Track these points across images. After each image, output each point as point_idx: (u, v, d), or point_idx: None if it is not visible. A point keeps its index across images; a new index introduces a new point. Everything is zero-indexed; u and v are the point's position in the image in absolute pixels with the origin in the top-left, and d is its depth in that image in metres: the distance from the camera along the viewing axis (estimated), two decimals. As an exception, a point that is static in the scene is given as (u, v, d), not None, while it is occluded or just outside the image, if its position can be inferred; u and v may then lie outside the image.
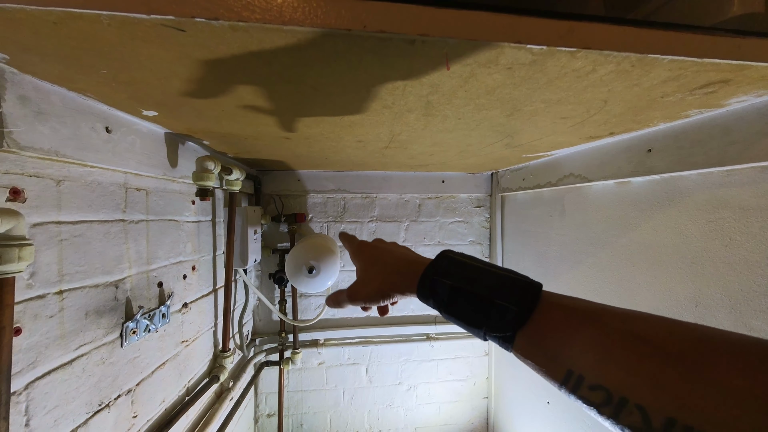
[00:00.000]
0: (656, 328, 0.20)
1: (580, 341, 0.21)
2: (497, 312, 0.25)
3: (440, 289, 0.28)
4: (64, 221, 0.49)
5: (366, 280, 0.36)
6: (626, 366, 0.19)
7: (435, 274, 0.29)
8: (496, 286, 0.26)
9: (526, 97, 0.48)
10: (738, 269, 0.56)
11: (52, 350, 0.47)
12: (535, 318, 0.23)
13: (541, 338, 0.23)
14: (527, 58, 0.36)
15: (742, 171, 0.55)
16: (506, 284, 0.26)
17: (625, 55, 0.35)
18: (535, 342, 0.23)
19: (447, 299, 0.28)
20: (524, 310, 0.24)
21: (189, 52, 0.35)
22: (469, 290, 0.26)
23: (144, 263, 0.68)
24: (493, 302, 0.25)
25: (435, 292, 0.29)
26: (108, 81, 0.43)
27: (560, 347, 0.22)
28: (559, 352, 0.22)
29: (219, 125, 0.65)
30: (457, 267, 0.29)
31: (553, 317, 0.23)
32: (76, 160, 0.50)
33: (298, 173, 1.35)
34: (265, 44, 0.33)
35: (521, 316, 0.24)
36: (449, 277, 0.28)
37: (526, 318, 0.24)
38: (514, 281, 0.26)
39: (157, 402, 0.71)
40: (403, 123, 0.61)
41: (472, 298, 0.26)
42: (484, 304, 0.25)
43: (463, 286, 0.27)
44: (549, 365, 0.22)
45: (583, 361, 0.20)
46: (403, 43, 0.33)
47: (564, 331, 0.22)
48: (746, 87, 0.44)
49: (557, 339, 0.22)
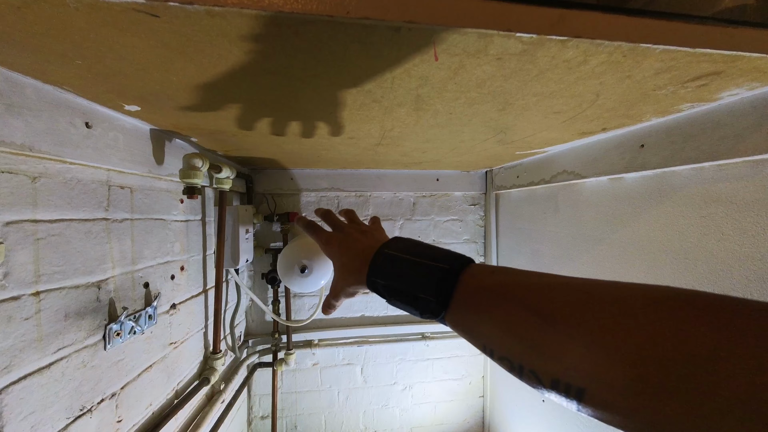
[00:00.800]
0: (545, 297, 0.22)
1: (488, 319, 0.24)
2: (423, 303, 0.28)
3: (379, 288, 0.32)
4: (40, 219, 0.47)
5: (337, 277, 0.38)
6: (519, 337, 0.22)
7: (373, 275, 0.32)
8: (419, 279, 0.28)
9: (518, 90, 0.47)
10: (730, 264, 0.55)
11: (29, 354, 0.45)
12: (452, 305, 0.26)
13: (460, 320, 0.26)
14: (517, 48, 0.35)
15: (734, 165, 0.55)
16: (428, 276, 0.28)
17: (617, 45, 0.35)
18: (458, 323, 0.26)
19: (386, 295, 0.31)
20: (442, 299, 0.27)
21: (165, 40, 0.33)
22: (398, 288, 0.30)
23: (129, 263, 0.66)
24: (418, 297, 0.28)
25: (377, 290, 0.32)
26: (84, 72, 0.41)
27: (475, 326, 0.25)
28: (475, 329, 0.25)
29: (205, 121, 0.63)
30: (390, 264, 0.31)
31: (467, 301, 0.26)
32: (53, 156, 0.48)
33: (290, 171, 1.33)
34: (244, 31, 0.32)
35: (441, 305, 0.27)
36: (383, 276, 0.31)
37: (447, 305, 0.26)
38: (432, 270, 0.28)
39: (143, 406, 0.69)
40: (394, 118, 0.60)
41: (401, 295, 0.29)
42: (413, 299, 0.29)
43: (393, 285, 0.30)
44: (471, 341, 0.26)
45: (492, 336, 0.23)
46: (389, 30, 0.31)
47: (476, 312, 0.25)
48: (738, 79, 0.44)
49: (472, 319, 0.25)
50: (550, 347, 0.20)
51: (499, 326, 0.23)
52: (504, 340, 0.22)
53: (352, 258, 0.35)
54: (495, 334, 0.23)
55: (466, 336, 0.26)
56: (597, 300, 0.19)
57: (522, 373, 0.21)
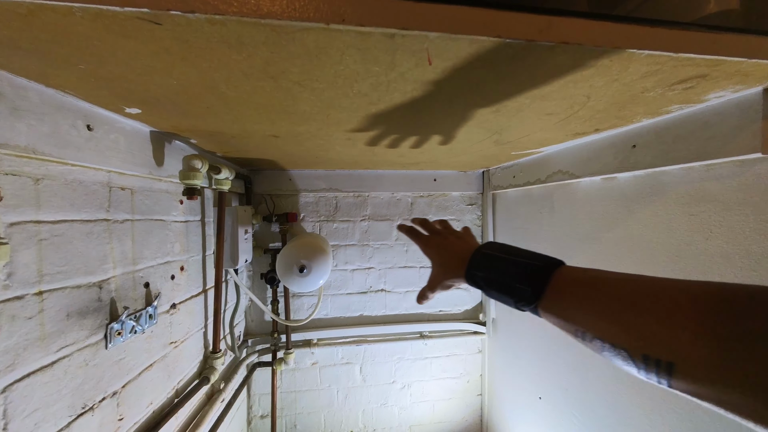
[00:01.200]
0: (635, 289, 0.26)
1: (582, 307, 0.28)
2: (519, 292, 0.33)
3: (478, 279, 0.38)
4: (43, 220, 0.48)
5: (436, 272, 0.45)
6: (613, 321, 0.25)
7: (472, 268, 0.38)
8: (515, 273, 0.34)
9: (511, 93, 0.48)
10: (718, 261, 0.57)
11: (32, 352, 0.46)
12: (547, 294, 0.31)
13: (554, 308, 0.30)
14: (507, 54, 0.36)
15: (722, 165, 0.56)
16: (521, 270, 0.33)
17: (603, 50, 0.36)
18: (551, 310, 0.30)
19: (483, 285, 0.37)
20: (537, 290, 0.31)
21: (167, 47, 0.34)
22: (495, 279, 0.35)
23: (129, 263, 0.66)
24: (513, 286, 0.33)
25: (476, 282, 0.38)
26: (87, 77, 0.42)
27: (569, 313, 0.29)
28: (568, 316, 0.29)
29: (205, 123, 0.64)
30: (489, 260, 0.37)
31: (562, 291, 0.30)
32: (56, 158, 0.49)
33: (289, 172, 1.34)
34: (244, 38, 0.33)
35: (536, 294, 0.31)
36: (482, 270, 0.37)
37: (541, 293, 0.31)
38: (528, 266, 0.33)
39: (144, 404, 0.69)
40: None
41: (498, 285, 0.35)
42: (508, 288, 0.34)
43: (491, 276, 0.36)
44: (563, 326, 0.29)
45: (586, 321, 0.27)
46: (384, 37, 0.33)
47: (571, 301, 0.29)
48: (723, 82, 0.45)
49: (566, 307, 0.29)
50: (641, 328, 0.24)
51: (594, 313, 0.27)
52: (598, 324, 0.26)
53: (450, 257, 0.43)
54: (589, 319, 0.27)
55: (557, 321, 0.30)
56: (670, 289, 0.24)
57: (614, 351, 0.25)
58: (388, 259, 1.41)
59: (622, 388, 0.76)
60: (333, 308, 1.40)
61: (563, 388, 0.97)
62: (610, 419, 0.80)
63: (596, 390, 0.84)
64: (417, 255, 1.43)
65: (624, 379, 0.76)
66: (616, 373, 0.78)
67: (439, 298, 1.46)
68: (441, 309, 1.47)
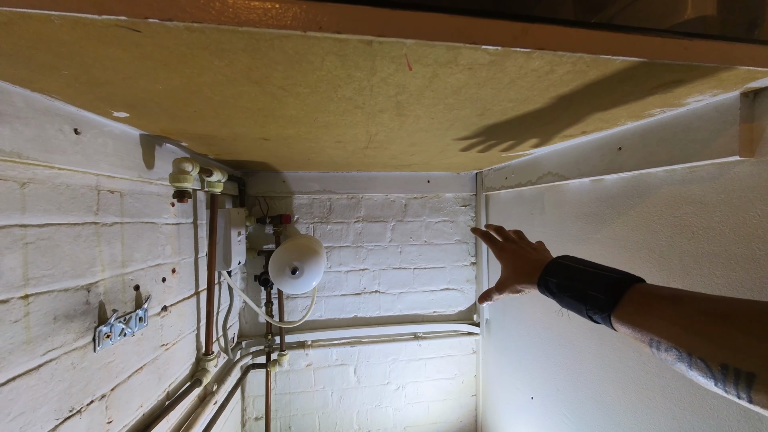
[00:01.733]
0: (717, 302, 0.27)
1: (661, 318, 0.29)
2: (592, 299, 0.34)
3: (551, 285, 0.40)
4: (29, 224, 0.48)
5: (508, 275, 0.47)
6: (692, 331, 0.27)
7: (547, 275, 0.40)
8: (590, 281, 0.36)
9: (493, 97, 0.49)
10: (701, 261, 0.58)
11: (17, 356, 0.46)
12: (624, 303, 0.32)
13: (629, 317, 0.32)
14: (485, 59, 0.37)
15: (703, 167, 0.57)
16: (598, 280, 0.35)
17: (579, 56, 0.37)
18: (626, 319, 0.32)
19: (556, 291, 0.39)
20: (612, 297, 0.33)
21: (148, 53, 0.35)
22: (569, 285, 0.37)
23: (119, 266, 0.67)
24: (588, 293, 0.35)
25: (549, 288, 0.40)
26: (71, 82, 0.43)
27: (645, 322, 0.30)
28: (645, 325, 0.30)
29: (194, 126, 0.64)
30: (564, 269, 0.40)
31: (640, 302, 0.31)
32: (42, 162, 0.49)
33: (283, 174, 1.34)
34: (224, 45, 0.33)
35: (611, 302, 0.33)
36: (556, 276, 0.39)
37: (616, 303, 0.32)
38: (605, 277, 0.35)
39: (134, 407, 0.70)
40: (378, 123, 0.62)
41: (572, 291, 0.37)
42: (582, 295, 0.35)
43: (565, 283, 0.38)
44: (637, 335, 0.31)
45: (663, 332, 0.29)
46: (361, 43, 0.33)
47: (648, 312, 0.30)
48: (700, 86, 0.46)
49: (643, 317, 0.30)
50: (722, 338, 0.24)
51: (672, 323, 0.28)
52: (675, 334, 0.27)
53: (524, 264, 0.45)
54: (665, 329, 0.28)
55: (632, 330, 0.31)
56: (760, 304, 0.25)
57: (691, 361, 0.26)
58: (382, 261, 1.42)
59: (612, 388, 0.77)
60: (327, 310, 1.40)
61: (555, 389, 0.98)
62: (600, 419, 0.81)
63: (587, 390, 0.85)
64: (411, 256, 1.43)
65: (613, 380, 0.77)
66: (606, 374, 0.79)
67: (433, 299, 1.46)
68: (435, 310, 1.47)
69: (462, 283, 1.48)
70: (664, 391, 0.64)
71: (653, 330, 0.29)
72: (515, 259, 0.47)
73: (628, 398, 0.72)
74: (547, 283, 0.40)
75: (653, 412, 0.66)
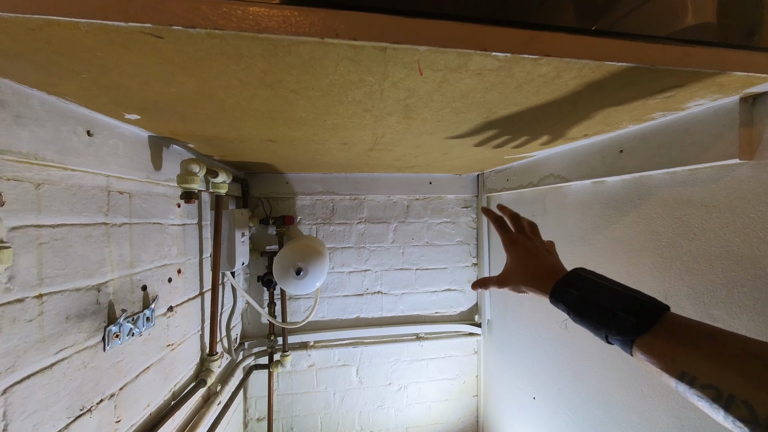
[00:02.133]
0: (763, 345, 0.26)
1: (698, 352, 0.27)
2: (618, 320, 0.32)
3: (569, 297, 0.36)
4: (43, 224, 0.49)
5: (514, 272, 0.44)
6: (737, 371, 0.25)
7: (566, 285, 0.37)
8: (618, 300, 0.33)
9: (500, 101, 0.50)
10: (701, 262, 0.59)
11: (32, 354, 0.46)
12: (658, 329, 0.30)
13: (661, 345, 0.29)
14: (494, 65, 0.38)
15: (703, 170, 0.59)
16: (627, 300, 0.33)
17: (585, 62, 0.38)
18: (655, 348, 0.30)
19: (574, 306, 0.36)
20: (644, 321, 0.30)
21: (168, 57, 0.36)
22: (592, 301, 0.34)
23: (127, 266, 0.67)
24: (615, 313, 0.32)
25: (564, 299, 0.37)
26: (88, 85, 0.44)
27: (678, 354, 0.28)
28: (677, 357, 0.28)
29: (203, 128, 0.65)
30: (589, 282, 0.36)
31: (674, 331, 0.30)
32: (57, 163, 0.50)
33: (286, 176, 1.35)
34: (243, 50, 0.34)
35: (642, 326, 0.30)
36: (577, 289, 0.36)
37: (647, 328, 0.30)
38: (634, 299, 0.33)
39: (141, 406, 0.70)
40: (385, 126, 0.63)
41: (594, 307, 0.34)
42: (606, 312, 0.33)
43: (587, 297, 0.35)
44: (666, 366, 0.28)
45: (697, 366, 0.27)
46: (376, 50, 0.34)
47: (683, 343, 0.28)
48: (700, 91, 0.48)
49: (675, 347, 0.29)
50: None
51: (712, 359, 0.26)
52: (716, 371, 0.26)
53: (537, 267, 0.42)
54: (704, 364, 0.27)
55: (657, 359, 0.29)
56: None
57: (730, 402, 0.24)
58: (384, 262, 1.43)
59: (614, 388, 0.78)
60: (329, 310, 1.41)
61: (557, 389, 0.99)
62: (603, 418, 0.82)
63: (589, 390, 0.86)
64: (413, 257, 1.44)
65: (615, 379, 0.78)
66: (608, 374, 0.80)
67: (435, 300, 1.47)
68: (437, 311, 1.48)
69: (463, 284, 1.49)
70: (667, 391, 0.65)
71: (687, 364, 0.27)
72: (528, 258, 0.43)
73: (631, 398, 0.73)
74: (564, 295, 0.37)
75: (656, 411, 0.67)
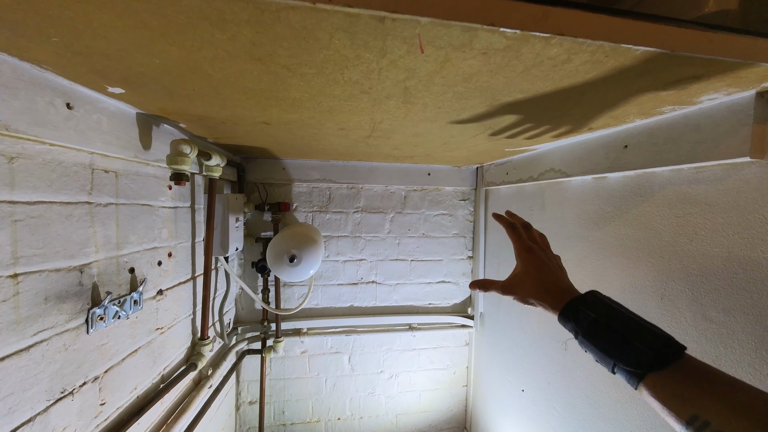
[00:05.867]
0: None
1: (712, 397, 0.27)
2: (635, 351, 0.31)
3: (582, 318, 0.35)
4: (18, 201, 0.46)
5: (525, 282, 0.43)
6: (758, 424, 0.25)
7: (582, 305, 0.36)
8: (636, 331, 0.32)
9: (504, 87, 0.47)
10: (700, 262, 0.58)
11: (6, 336, 0.44)
12: (674, 368, 0.29)
13: (676, 384, 0.29)
14: (501, 43, 0.35)
15: (710, 168, 0.57)
16: (647, 333, 0.32)
17: (599, 44, 0.35)
18: (669, 386, 0.29)
19: (588, 328, 0.34)
20: (662, 356, 0.30)
21: (145, 21, 0.33)
22: (610, 326, 0.33)
23: (113, 248, 0.65)
24: (631, 342, 0.31)
25: (577, 319, 0.36)
26: (61, 50, 0.40)
27: (692, 396, 0.28)
28: (689, 399, 0.28)
29: (193, 106, 0.62)
30: (607, 308, 0.35)
31: (691, 373, 0.29)
32: (31, 136, 0.47)
33: (283, 162, 1.32)
34: (226, 15, 0.31)
35: (659, 362, 0.30)
36: (595, 312, 0.35)
37: (664, 365, 0.29)
38: (654, 333, 0.32)
39: (128, 389, 0.69)
40: (383, 110, 0.60)
41: (611, 333, 0.33)
42: (622, 341, 0.32)
43: (604, 322, 0.34)
44: (676, 406, 0.28)
45: (713, 412, 0.26)
46: (373, 20, 0.31)
47: (700, 385, 0.28)
48: (717, 84, 0.45)
49: (691, 389, 0.28)
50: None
51: (732, 407, 0.26)
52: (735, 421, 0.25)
53: (550, 283, 0.41)
54: (721, 411, 0.26)
55: (668, 399, 0.28)
56: None
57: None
58: (380, 252, 1.41)
59: (601, 384, 0.78)
60: (323, 298, 1.40)
61: (546, 382, 1.00)
62: (589, 412, 0.82)
63: (577, 385, 0.86)
64: (408, 248, 1.43)
65: (603, 376, 0.78)
66: (596, 369, 0.80)
67: (429, 291, 1.47)
68: (431, 302, 1.48)
69: (458, 277, 1.48)
70: (656, 388, 0.65)
71: (702, 408, 0.27)
72: (541, 271, 0.42)
73: (619, 392, 0.74)
74: (578, 315, 0.35)
75: (642, 406, 0.68)
